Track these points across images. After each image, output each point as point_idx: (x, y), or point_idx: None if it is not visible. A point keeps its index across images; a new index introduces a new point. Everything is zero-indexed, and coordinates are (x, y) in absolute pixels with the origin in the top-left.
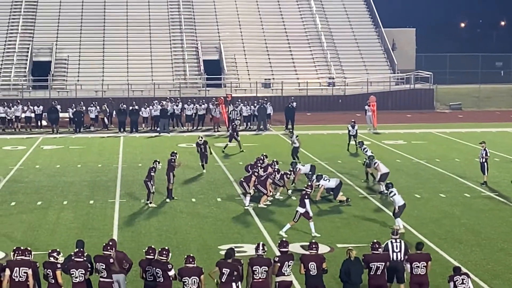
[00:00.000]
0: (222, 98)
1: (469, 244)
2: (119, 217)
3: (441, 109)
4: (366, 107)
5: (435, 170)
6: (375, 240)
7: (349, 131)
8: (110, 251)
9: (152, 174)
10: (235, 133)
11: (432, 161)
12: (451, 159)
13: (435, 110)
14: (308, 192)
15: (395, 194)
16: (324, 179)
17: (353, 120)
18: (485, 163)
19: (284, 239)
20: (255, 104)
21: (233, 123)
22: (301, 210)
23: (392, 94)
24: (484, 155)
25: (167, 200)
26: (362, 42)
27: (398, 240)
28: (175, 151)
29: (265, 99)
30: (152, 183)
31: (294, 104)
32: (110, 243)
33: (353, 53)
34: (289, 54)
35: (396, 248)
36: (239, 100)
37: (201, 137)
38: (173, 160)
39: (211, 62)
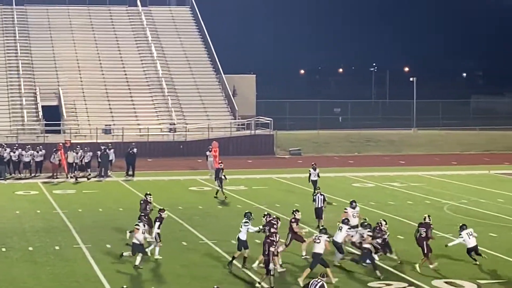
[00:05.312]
0: (61, 144)
1: None
2: None
3: (281, 154)
4: (208, 152)
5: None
6: None
7: (310, 174)
8: None
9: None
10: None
11: (272, 206)
12: (290, 203)
13: (275, 155)
14: None
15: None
16: None
17: (313, 163)
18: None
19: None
20: (97, 151)
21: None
22: None
23: (233, 139)
24: (322, 200)
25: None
26: (203, 88)
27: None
28: None
29: (109, 145)
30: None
31: (135, 150)
32: None
33: (194, 99)
34: (130, 99)
35: None
36: (78, 146)
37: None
38: None
39: (50, 107)
